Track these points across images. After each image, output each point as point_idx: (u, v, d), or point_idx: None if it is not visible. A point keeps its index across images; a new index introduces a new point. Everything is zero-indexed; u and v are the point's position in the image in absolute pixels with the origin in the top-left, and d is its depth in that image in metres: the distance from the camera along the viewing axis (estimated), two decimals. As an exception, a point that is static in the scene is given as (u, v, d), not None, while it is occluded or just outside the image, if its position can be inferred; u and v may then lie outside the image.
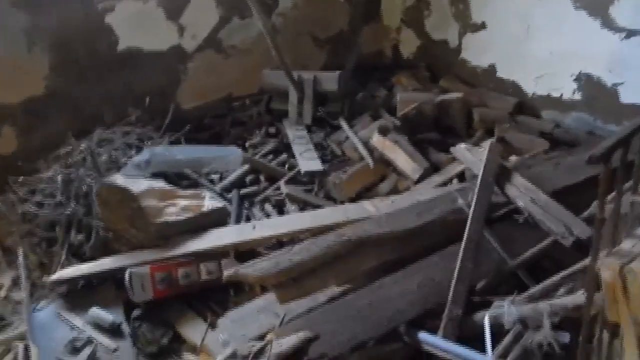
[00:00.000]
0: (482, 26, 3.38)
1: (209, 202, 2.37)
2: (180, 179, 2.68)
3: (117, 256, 2.12)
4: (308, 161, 2.82)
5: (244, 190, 2.71)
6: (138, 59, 3.20)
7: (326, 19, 3.86)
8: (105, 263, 2.08)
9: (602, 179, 1.22)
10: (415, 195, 2.38)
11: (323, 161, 2.89)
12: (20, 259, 2.01)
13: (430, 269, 1.85)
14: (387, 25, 4.01)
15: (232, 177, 2.81)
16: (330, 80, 3.24)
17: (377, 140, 2.82)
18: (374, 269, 1.90)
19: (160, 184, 2.35)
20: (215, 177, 2.82)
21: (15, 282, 2.29)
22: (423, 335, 1.64)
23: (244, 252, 2.23)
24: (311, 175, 2.77)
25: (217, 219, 2.36)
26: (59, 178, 2.33)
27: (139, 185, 2.25)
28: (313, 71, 3.36)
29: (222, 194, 2.66)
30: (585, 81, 2.88)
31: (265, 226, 2.31)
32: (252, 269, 1.80)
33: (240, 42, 3.53)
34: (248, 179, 2.81)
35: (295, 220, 2.33)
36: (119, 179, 2.26)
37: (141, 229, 2.17)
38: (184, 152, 2.67)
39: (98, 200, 2.18)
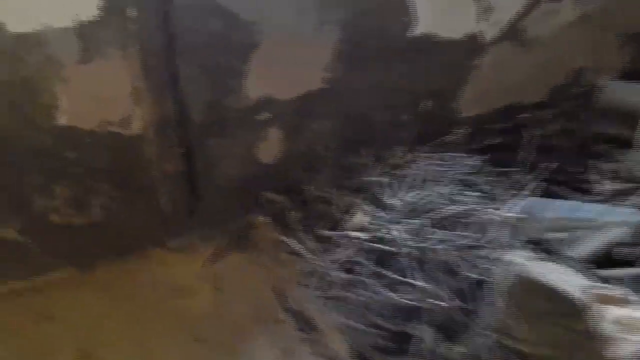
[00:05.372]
0: None
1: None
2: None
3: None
4: None
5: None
6: (428, 49, 2.32)
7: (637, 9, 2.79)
8: None
9: None
10: None
11: None
12: None
13: None
14: None
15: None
16: None
17: None
18: None
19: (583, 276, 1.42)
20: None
21: None
22: None
23: None
24: None
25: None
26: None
27: (555, 273, 1.34)
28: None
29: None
30: None
31: None
32: None
33: (543, 33, 2.55)
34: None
35: None
36: (526, 262, 1.36)
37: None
38: (561, 209, 1.71)
39: (509, 299, 1.30)
